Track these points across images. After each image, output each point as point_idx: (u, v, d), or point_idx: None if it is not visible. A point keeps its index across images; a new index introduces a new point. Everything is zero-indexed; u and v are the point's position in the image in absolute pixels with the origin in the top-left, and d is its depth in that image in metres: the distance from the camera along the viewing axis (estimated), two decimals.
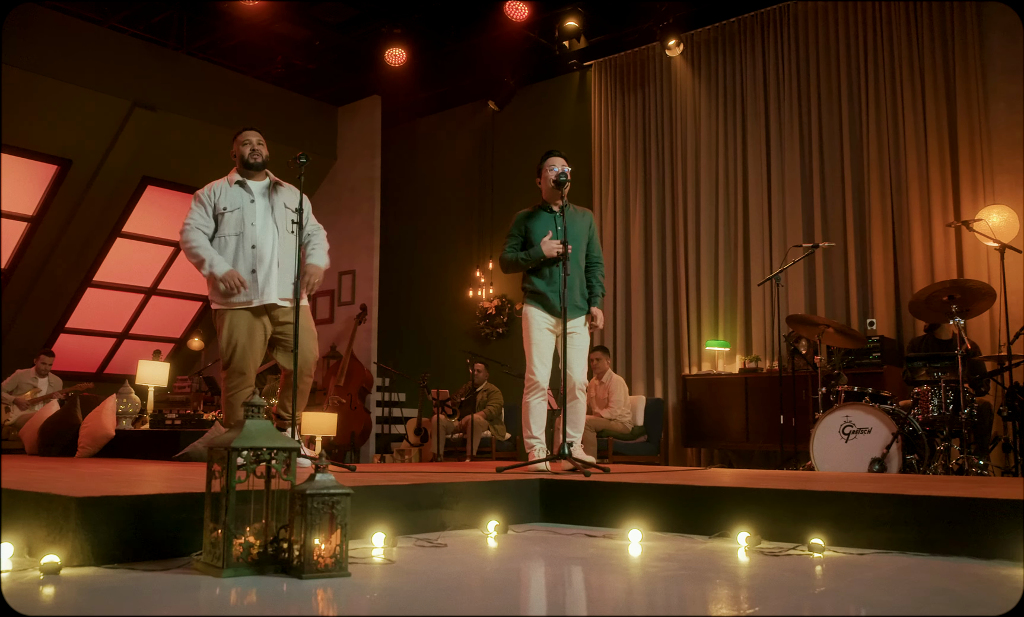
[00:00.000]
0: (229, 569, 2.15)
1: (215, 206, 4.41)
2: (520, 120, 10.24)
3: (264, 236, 4.37)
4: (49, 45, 8.65)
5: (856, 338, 6.13)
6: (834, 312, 7.69)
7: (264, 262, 4.36)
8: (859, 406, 5.44)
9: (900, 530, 2.76)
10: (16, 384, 8.76)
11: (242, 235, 4.36)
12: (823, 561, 2.55)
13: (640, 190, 9.07)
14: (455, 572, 2.33)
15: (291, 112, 10.72)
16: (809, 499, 2.94)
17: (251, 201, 4.42)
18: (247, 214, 4.39)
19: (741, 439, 7.60)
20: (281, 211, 4.43)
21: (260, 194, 4.45)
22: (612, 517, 3.31)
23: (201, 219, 4.39)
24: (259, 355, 4.45)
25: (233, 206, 4.40)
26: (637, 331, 8.89)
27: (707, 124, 8.68)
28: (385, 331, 10.77)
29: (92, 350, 11.39)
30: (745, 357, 7.99)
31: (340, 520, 2.18)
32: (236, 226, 4.37)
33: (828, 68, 7.98)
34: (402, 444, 9.27)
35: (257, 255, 4.36)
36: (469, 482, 3.35)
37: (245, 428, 2.26)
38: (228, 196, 4.42)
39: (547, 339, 4.62)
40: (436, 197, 11.09)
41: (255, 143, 4.48)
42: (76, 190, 9.59)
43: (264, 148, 4.51)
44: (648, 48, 9.16)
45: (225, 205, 4.40)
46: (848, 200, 7.73)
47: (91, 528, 2.30)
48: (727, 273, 8.40)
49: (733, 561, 2.55)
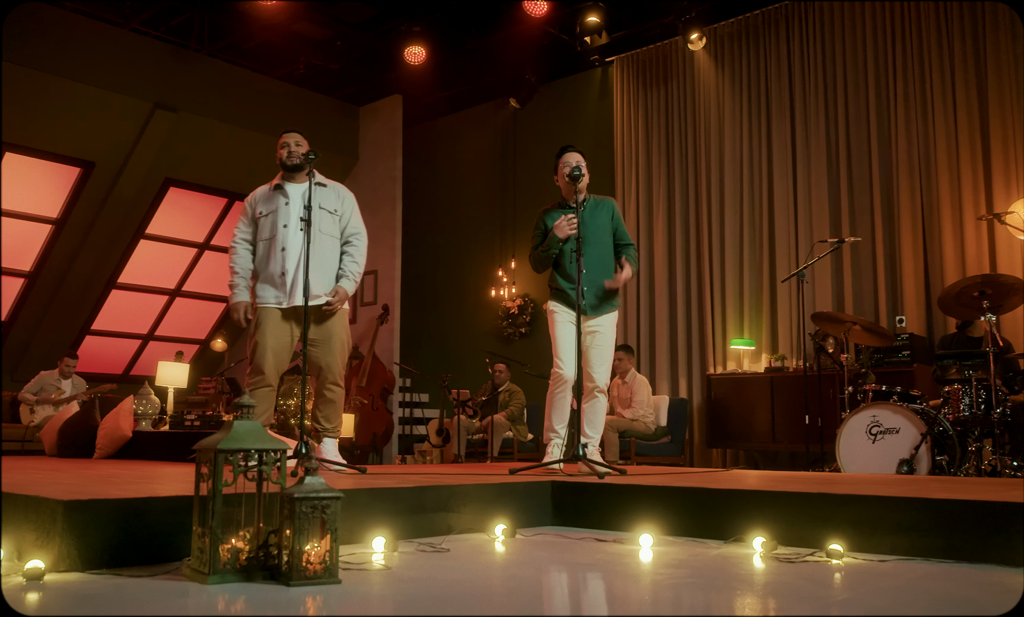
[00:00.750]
0: (215, 576, 2.07)
1: (254, 211, 4.50)
2: (542, 117, 10.14)
3: (294, 238, 4.36)
4: (71, 48, 8.69)
5: (884, 336, 5.96)
6: (862, 309, 7.51)
7: (291, 265, 4.35)
8: (887, 406, 5.27)
9: (925, 536, 2.62)
10: (40, 386, 8.81)
11: (274, 238, 4.38)
12: (841, 568, 2.43)
13: (663, 187, 8.93)
14: (452, 579, 2.24)
15: (312, 112, 10.70)
16: (828, 502, 2.81)
17: (286, 204, 4.43)
18: (280, 217, 4.42)
19: (767, 440, 7.43)
20: (316, 212, 4.39)
21: (296, 196, 4.43)
22: (624, 521, 3.20)
23: (243, 229, 4.51)
24: (283, 357, 4.43)
25: (268, 210, 4.45)
26: (661, 330, 8.75)
27: (731, 119, 8.52)
28: (407, 331, 10.71)
29: (118, 352, 11.45)
30: (771, 356, 7.82)
31: (330, 525, 2.09)
32: (270, 230, 4.41)
33: (855, 59, 7.79)
34: (424, 445, 9.20)
35: (287, 257, 4.36)
36: (476, 484, 3.25)
37: (233, 429, 2.18)
38: (266, 200, 4.49)
39: (570, 333, 4.52)
40: (458, 196, 11.02)
41: (292, 144, 4.49)
42: (99, 192, 9.63)
43: (303, 148, 4.51)
44: (670, 42, 9.02)
45: (262, 209, 4.47)
46: (876, 194, 7.54)
47: (78, 533, 2.24)
48: (752, 270, 8.23)
49: (746, 568, 2.43)
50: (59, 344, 10.25)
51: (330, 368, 4.41)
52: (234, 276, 4.47)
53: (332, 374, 4.42)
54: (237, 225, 4.55)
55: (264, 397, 4.40)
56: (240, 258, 4.47)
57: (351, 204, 4.58)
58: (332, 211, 4.45)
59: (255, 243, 4.47)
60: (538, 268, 4.67)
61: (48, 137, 9.05)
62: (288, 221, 4.39)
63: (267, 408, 4.44)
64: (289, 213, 4.40)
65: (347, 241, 4.52)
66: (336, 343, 4.42)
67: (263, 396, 4.39)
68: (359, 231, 4.56)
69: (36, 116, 8.80)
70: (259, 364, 4.38)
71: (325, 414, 4.44)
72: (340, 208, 4.51)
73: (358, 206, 4.66)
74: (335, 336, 4.42)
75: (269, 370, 4.39)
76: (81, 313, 10.62)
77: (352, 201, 4.60)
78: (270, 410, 4.48)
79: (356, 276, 4.50)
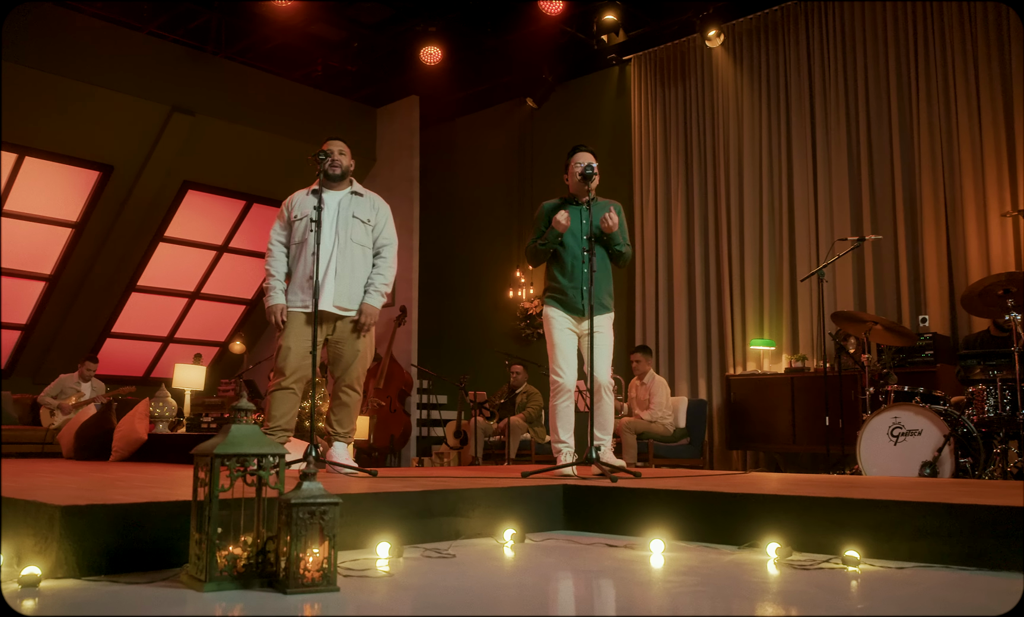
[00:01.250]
0: (212, 583, 2.03)
1: (290, 214, 4.52)
2: (559, 117, 10.07)
3: (325, 244, 4.36)
4: (90, 52, 8.74)
5: (906, 335, 5.84)
6: (885, 308, 7.38)
7: (320, 270, 4.33)
8: (908, 407, 5.16)
9: (945, 542, 2.54)
10: (60, 389, 8.85)
11: (306, 243, 4.38)
12: (858, 576, 2.35)
13: (682, 186, 8.84)
14: (454, 587, 2.18)
15: (330, 114, 10.69)
16: (844, 507, 2.73)
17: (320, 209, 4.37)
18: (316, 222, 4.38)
19: (788, 441, 7.33)
20: (348, 222, 4.42)
21: (333, 203, 4.44)
22: (636, 525, 3.13)
23: (279, 231, 4.53)
24: (308, 360, 4.35)
25: (302, 214, 4.45)
26: (680, 330, 8.66)
27: (750, 116, 8.42)
28: (425, 333, 10.68)
29: (138, 354, 11.50)
30: (791, 356, 7.71)
31: (328, 531, 2.05)
32: (303, 233, 4.42)
33: (876, 53, 7.67)
34: (441, 447, 9.17)
35: (316, 262, 4.31)
36: (485, 488, 3.20)
37: (231, 433, 2.14)
38: (301, 204, 4.50)
39: (569, 339, 4.45)
40: (475, 197, 10.98)
41: (336, 153, 4.49)
42: (118, 196, 9.68)
43: (346, 158, 4.52)
44: (688, 40, 8.93)
45: (297, 213, 4.49)
46: (898, 191, 7.41)
47: (75, 538, 2.21)
48: (772, 270, 8.12)
49: (759, 575, 2.36)
50: (80, 347, 10.31)
51: (347, 371, 4.38)
52: (270, 278, 4.46)
53: (349, 378, 4.40)
54: (273, 227, 4.58)
55: (283, 399, 4.37)
56: (276, 261, 4.48)
57: (386, 214, 4.60)
58: (365, 221, 4.47)
59: (289, 246, 4.49)
60: (534, 261, 4.59)
61: (67, 141, 9.10)
62: (321, 226, 4.34)
63: (287, 411, 4.40)
64: (323, 219, 4.36)
65: (377, 252, 4.53)
66: (360, 347, 4.41)
67: (282, 398, 4.37)
68: (390, 242, 4.56)
69: (55, 120, 8.85)
70: (281, 365, 4.39)
71: (339, 418, 4.41)
72: (374, 218, 4.51)
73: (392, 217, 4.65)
74: (360, 342, 4.41)
75: (290, 372, 4.38)
76: (101, 316, 10.67)
77: (387, 211, 4.62)
78: (291, 413, 4.43)
79: (384, 289, 4.49)
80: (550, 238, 4.43)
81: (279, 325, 4.39)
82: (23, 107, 8.60)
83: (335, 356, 4.44)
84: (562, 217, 4.36)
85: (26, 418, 8.99)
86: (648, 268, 8.98)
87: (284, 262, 4.48)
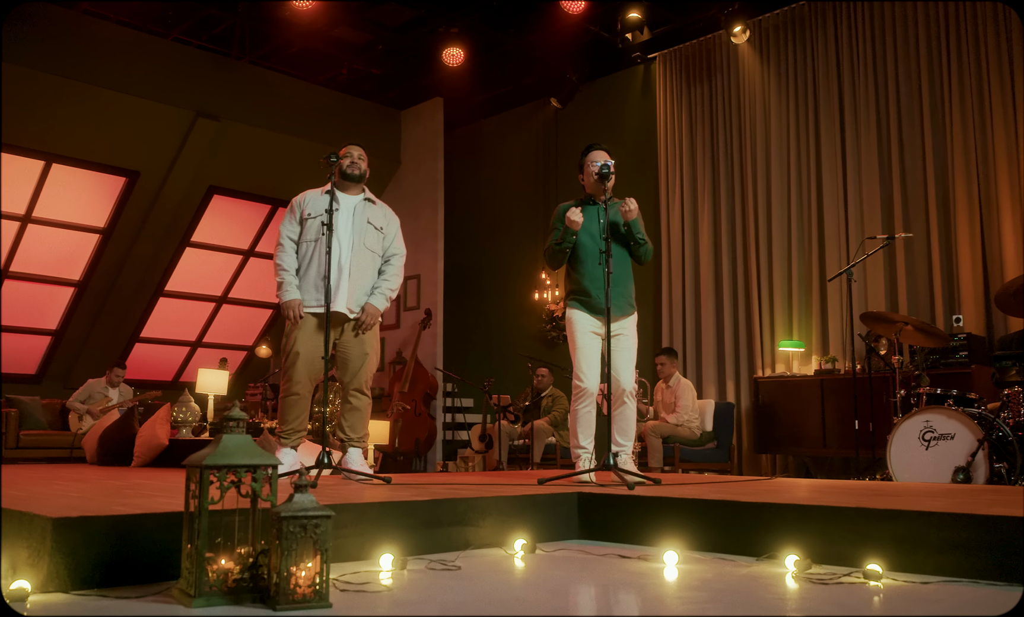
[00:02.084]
0: (201, 598, 1.96)
1: (302, 211, 4.49)
2: (584, 117, 9.97)
3: (341, 246, 4.35)
4: (115, 59, 8.78)
5: (938, 336, 5.66)
6: (917, 308, 7.19)
7: (334, 270, 4.31)
8: (940, 410, 4.99)
9: (973, 555, 2.41)
10: (88, 394, 8.91)
11: (320, 241, 4.34)
12: (879, 591, 2.24)
13: (708, 185, 8.70)
14: (453, 603, 2.10)
15: (354, 117, 10.68)
16: (866, 518, 2.61)
17: (336, 210, 4.38)
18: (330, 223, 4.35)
19: (817, 445, 7.16)
20: (363, 226, 4.43)
21: (349, 206, 4.45)
22: (652, 535, 3.03)
23: (289, 227, 4.48)
24: (316, 365, 4.34)
25: (316, 213, 4.42)
26: (707, 332, 8.51)
27: (777, 113, 8.25)
28: (451, 336, 10.62)
29: (167, 359, 11.57)
30: (821, 358, 7.54)
31: (320, 545, 1.98)
32: (316, 232, 4.38)
33: (906, 47, 7.47)
34: (466, 451, 9.10)
35: (330, 262, 4.28)
36: (496, 497, 3.12)
37: (222, 443, 2.08)
38: (315, 203, 4.48)
39: (592, 342, 4.35)
40: (500, 199, 10.91)
41: (356, 157, 4.53)
42: (145, 201, 9.73)
43: (364, 163, 4.57)
44: (714, 37, 8.78)
45: (310, 211, 4.46)
46: (931, 187, 7.21)
47: (67, 551, 2.16)
48: (801, 269, 7.95)
49: (774, 590, 2.25)
50: (110, 352, 10.38)
51: (356, 375, 4.35)
52: (283, 273, 4.39)
53: (357, 381, 4.36)
54: (283, 223, 4.53)
55: (294, 405, 4.35)
56: (287, 256, 4.43)
57: (396, 225, 4.63)
58: (378, 228, 4.50)
59: (299, 243, 4.45)
60: (552, 264, 4.52)
61: (93, 147, 9.16)
62: (336, 227, 4.34)
63: (299, 414, 4.38)
64: (337, 219, 4.35)
65: (387, 260, 4.54)
66: (367, 350, 4.38)
67: (294, 403, 4.34)
68: (399, 252, 4.58)
69: (81, 127, 8.91)
70: (289, 372, 4.36)
71: (350, 423, 4.36)
72: (386, 227, 4.54)
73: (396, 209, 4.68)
74: (367, 344, 4.38)
75: (300, 378, 4.35)
76: (130, 321, 10.74)
77: (397, 223, 4.65)
78: (303, 416, 4.42)
79: (389, 294, 4.49)
80: (565, 238, 4.35)
81: (296, 320, 4.32)
82: (49, 114, 8.67)
83: (343, 360, 4.41)
84: (575, 214, 4.28)
85: (55, 423, 9.07)
86: (675, 269, 8.85)
87: (295, 258, 4.43)
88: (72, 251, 9.90)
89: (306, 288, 4.35)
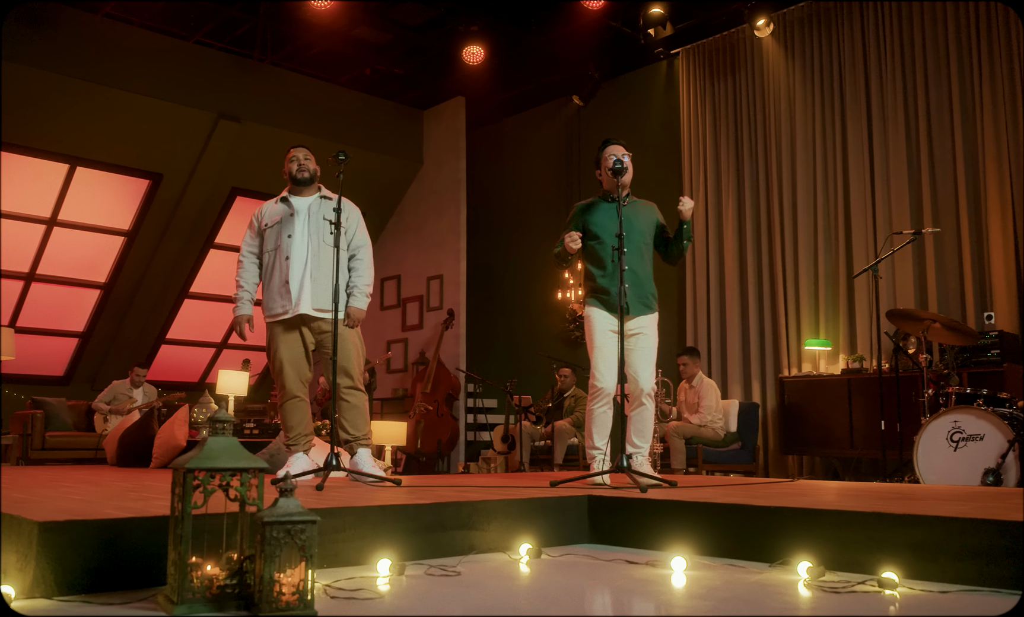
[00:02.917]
0: (183, 605, 1.91)
1: (260, 223, 4.53)
2: (607, 114, 9.87)
3: (299, 248, 4.37)
4: (137, 62, 8.83)
5: (967, 334, 5.50)
6: (948, 306, 7.00)
7: (296, 274, 4.35)
8: (970, 410, 4.84)
9: (995, 563, 2.29)
10: (113, 395, 8.96)
11: (279, 248, 4.40)
12: (895, 600, 2.13)
13: (733, 181, 8.56)
14: (446, 610, 2.02)
15: (376, 118, 10.66)
16: (884, 523, 2.49)
17: (291, 214, 4.46)
18: (285, 227, 4.44)
19: (845, 446, 7.00)
20: (319, 224, 4.43)
21: (303, 208, 4.47)
22: (662, 539, 2.94)
23: (249, 242, 4.55)
24: (302, 366, 4.46)
25: (273, 221, 4.48)
26: (732, 331, 8.37)
27: (802, 108, 8.10)
28: (474, 336, 10.56)
29: (193, 360, 11.62)
30: (848, 357, 7.37)
31: (305, 551, 1.91)
32: (275, 240, 4.44)
33: (935, 36, 7.28)
34: (488, 452, 9.04)
35: (291, 267, 4.38)
36: (503, 500, 3.04)
37: (207, 446, 2.02)
38: (271, 212, 4.52)
39: (611, 341, 4.26)
40: (523, 198, 10.83)
41: (301, 159, 4.53)
42: (168, 203, 9.78)
43: (311, 162, 4.56)
44: (737, 31, 8.64)
45: (267, 221, 4.51)
46: (961, 181, 7.02)
47: (53, 556, 2.11)
48: (828, 266, 7.79)
49: (782, 599, 2.15)
50: (136, 354, 10.46)
51: (346, 373, 4.32)
52: (238, 290, 4.51)
53: (349, 379, 4.34)
54: (244, 239, 4.59)
55: (293, 409, 4.43)
56: (245, 271, 4.52)
57: (356, 215, 4.56)
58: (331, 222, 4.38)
59: (261, 255, 4.50)
60: (557, 267, 4.49)
61: (116, 150, 9.21)
62: (292, 231, 4.39)
63: (301, 419, 4.43)
64: (294, 224, 4.40)
65: (352, 255, 4.48)
66: (348, 347, 4.35)
67: (292, 408, 4.44)
68: (364, 243, 4.53)
69: (105, 131, 8.97)
70: (281, 380, 4.43)
71: (351, 421, 4.33)
72: (344, 222, 4.41)
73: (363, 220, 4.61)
74: (347, 342, 4.34)
75: (292, 383, 4.42)
76: (156, 323, 10.80)
77: (357, 214, 4.58)
78: (305, 421, 4.47)
79: (367, 290, 4.46)
80: (561, 258, 4.31)
81: (242, 336, 4.45)
82: (73, 118, 8.74)
83: (326, 360, 4.38)
84: (571, 241, 4.20)
85: (80, 424, 9.13)
86: (699, 267, 8.72)
87: (255, 273, 4.49)
88: (97, 253, 9.97)
89: (271, 296, 4.39)
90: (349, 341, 4.35)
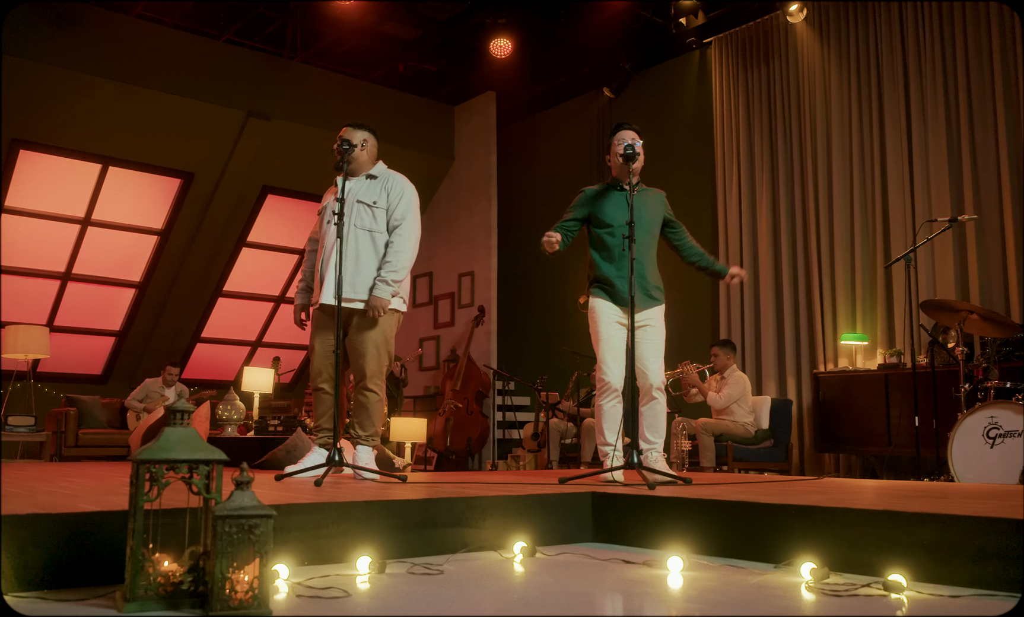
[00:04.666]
0: (134, 603, 1.83)
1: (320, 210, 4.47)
2: (638, 106, 9.68)
3: (330, 235, 4.21)
4: (168, 63, 8.87)
5: (1007, 326, 5.25)
6: (989, 297, 6.71)
7: (325, 263, 4.24)
8: (1008, 405, 4.60)
9: (1013, 565, 2.12)
10: (145, 393, 9.03)
11: (325, 236, 4.31)
12: (901, 604, 1.97)
13: (767, 172, 8.33)
14: (414, 611, 1.92)
15: (407, 114, 10.60)
16: (895, 522, 2.33)
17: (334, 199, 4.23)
18: (326, 215, 4.31)
19: (882, 443, 6.75)
20: (353, 208, 4.22)
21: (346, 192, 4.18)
22: (665, 538, 2.80)
23: (314, 230, 4.55)
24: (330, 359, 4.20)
25: (323, 210, 4.41)
26: (767, 325, 8.15)
27: (838, 96, 7.84)
28: (505, 333, 10.45)
29: (228, 358, 11.68)
30: (886, 351, 7.12)
31: (259, 548, 1.82)
32: (322, 227, 4.37)
33: (976, 17, 6.99)
34: (517, 450, 8.92)
35: (322, 255, 4.30)
36: (498, 496, 2.92)
37: (162, 437, 1.94)
38: (328, 202, 4.38)
39: (617, 333, 4.13)
40: (554, 193, 10.66)
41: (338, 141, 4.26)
42: (200, 202, 9.82)
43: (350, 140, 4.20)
44: (770, 18, 8.41)
45: (322, 210, 4.43)
46: (1004, 167, 6.72)
47: (15, 549, 2.04)
48: (864, 258, 7.53)
49: (779, 602, 2.01)
50: (172, 352, 10.54)
51: (361, 371, 4.19)
52: (299, 280, 4.53)
53: (364, 378, 4.19)
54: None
55: (319, 401, 4.31)
56: (305, 262, 4.55)
57: (399, 191, 4.26)
58: (371, 204, 4.24)
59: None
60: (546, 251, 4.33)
61: (148, 150, 9.27)
62: (329, 218, 4.21)
63: (323, 412, 4.29)
64: (331, 210, 4.21)
65: (393, 227, 4.25)
66: (367, 344, 4.18)
67: (319, 400, 4.33)
68: (403, 219, 4.22)
69: (136, 130, 9.03)
70: (311, 370, 4.35)
71: (359, 420, 4.22)
72: (384, 200, 4.26)
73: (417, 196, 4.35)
74: (367, 338, 4.18)
75: (316, 375, 4.30)
76: (190, 321, 10.88)
77: (401, 188, 4.28)
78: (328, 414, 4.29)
79: (392, 276, 4.16)
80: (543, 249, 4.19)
81: (298, 324, 4.41)
82: (104, 118, 8.81)
83: (350, 352, 4.25)
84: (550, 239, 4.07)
85: (114, 422, 9.22)
86: (732, 259, 8.50)
87: (312, 261, 4.46)
88: (132, 253, 10.05)
89: (315, 286, 4.32)
90: (370, 340, 4.16)
